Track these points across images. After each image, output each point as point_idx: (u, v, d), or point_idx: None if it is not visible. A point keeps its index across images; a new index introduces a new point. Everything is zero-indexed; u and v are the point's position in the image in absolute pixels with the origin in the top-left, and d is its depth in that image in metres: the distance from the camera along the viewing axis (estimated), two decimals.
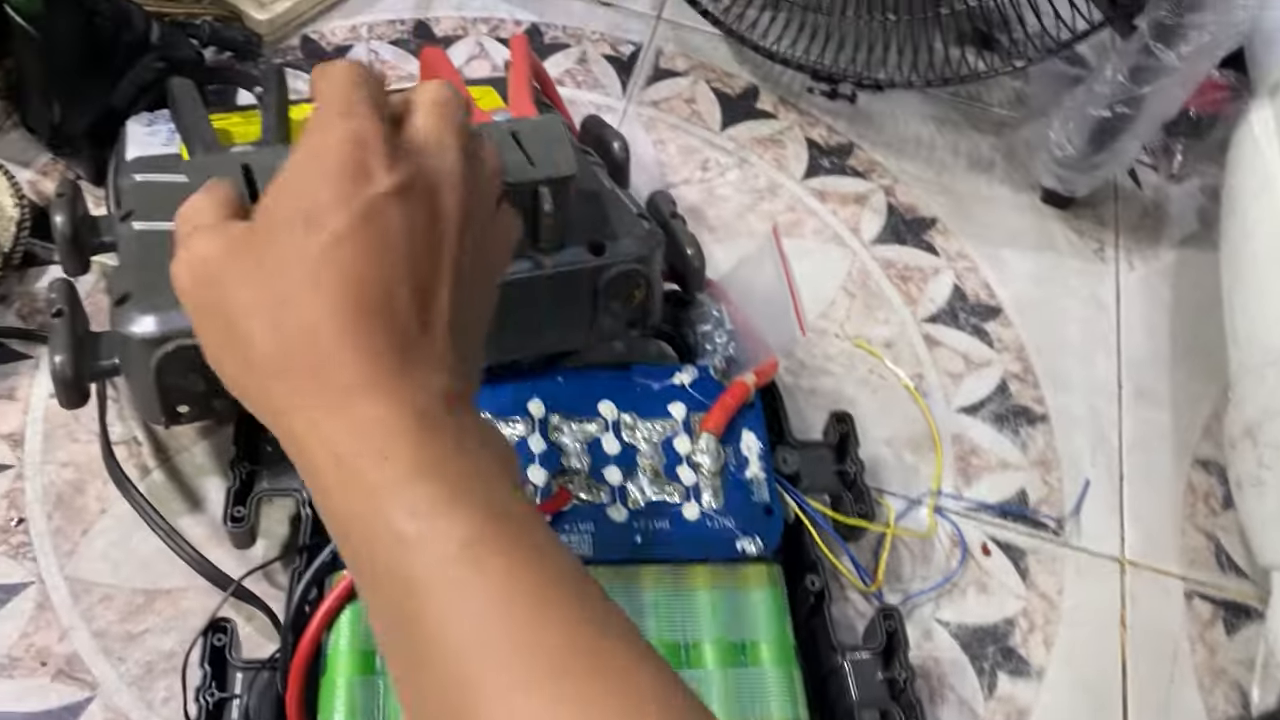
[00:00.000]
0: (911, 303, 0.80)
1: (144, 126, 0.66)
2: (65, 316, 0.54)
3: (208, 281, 0.36)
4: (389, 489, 0.32)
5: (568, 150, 0.55)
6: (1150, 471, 0.74)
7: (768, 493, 0.58)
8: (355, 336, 0.34)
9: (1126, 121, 0.78)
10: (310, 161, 0.35)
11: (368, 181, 0.35)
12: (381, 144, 0.35)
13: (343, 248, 0.34)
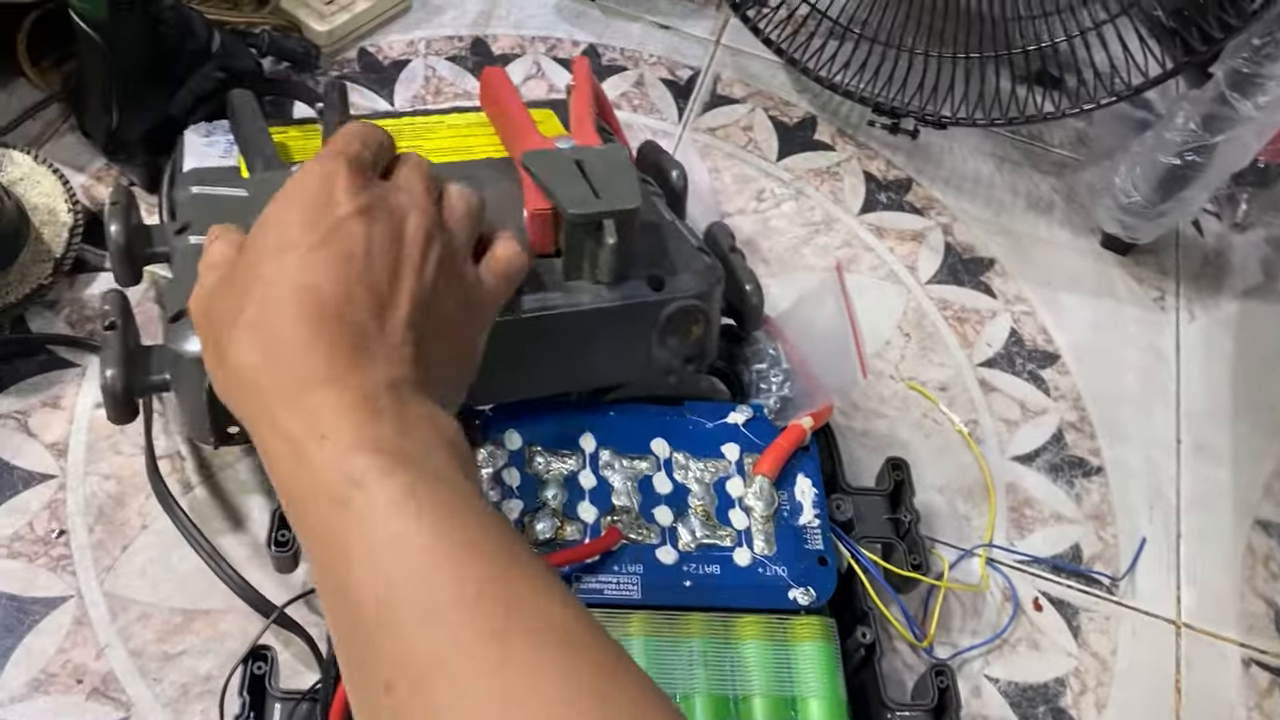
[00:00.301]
0: (968, 346, 0.78)
1: (202, 137, 0.65)
2: (118, 329, 0.52)
3: (206, 308, 0.43)
4: (330, 462, 0.36)
5: (633, 182, 0.54)
6: (1208, 531, 0.72)
7: (822, 541, 0.57)
8: (314, 337, 0.38)
9: (1196, 170, 0.76)
10: (286, 198, 0.42)
11: (333, 208, 0.41)
12: (347, 178, 0.42)
13: (308, 262, 0.40)
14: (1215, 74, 0.72)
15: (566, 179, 0.53)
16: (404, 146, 0.54)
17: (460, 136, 0.66)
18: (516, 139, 0.62)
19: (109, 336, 0.52)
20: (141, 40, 0.65)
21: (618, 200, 0.52)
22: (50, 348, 0.66)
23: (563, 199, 0.52)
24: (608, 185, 0.53)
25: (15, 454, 0.62)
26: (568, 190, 0.52)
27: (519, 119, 0.63)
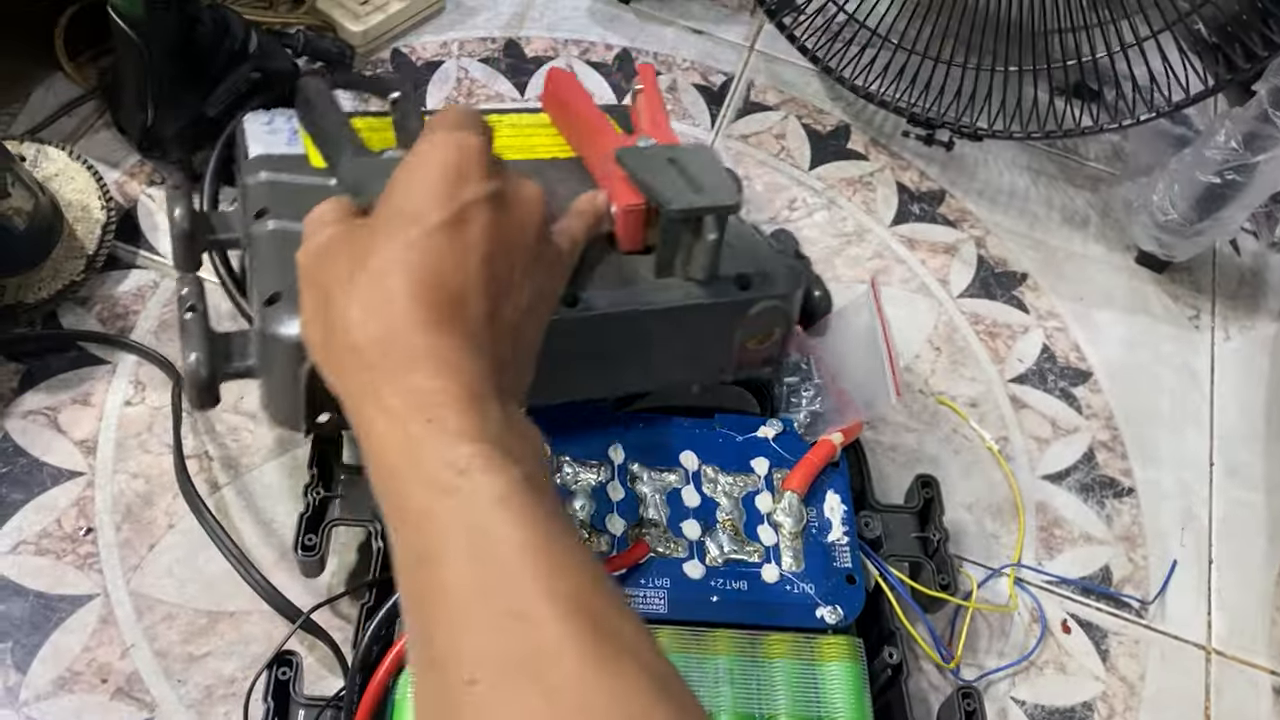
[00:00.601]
0: (999, 361, 0.77)
1: (263, 125, 0.62)
2: (199, 314, 0.50)
3: (319, 260, 0.41)
4: (435, 447, 0.35)
5: (728, 178, 0.53)
6: (1241, 555, 0.71)
7: (851, 559, 0.56)
8: (431, 320, 0.38)
9: (1236, 189, 0.75)
10: (417, 166, 0.41)
11: (464, 186, 0.40)
12: (481, 155, 0.41)
13: (432, 240, 0.39)
14: (1258, 92, 0.71)
15: (664, 174, 0.52)
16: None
17: (523, 136, 0.65)
18: (592, 139, 0.61)
19: (190, 321, 0.50)
20: (177, 38, 0.65)
21: (718, 196, 0.51)
22: (81, 344, 0.66)
23: (663, 194, 0.51)
24: (705, 181, 0.51)
25: (45, 450, 0.62)
26: (667, 185, 0.51)
27: (593, 119, 0.62)
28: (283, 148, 0.59)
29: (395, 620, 0.52)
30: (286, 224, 0.53)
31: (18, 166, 0.64)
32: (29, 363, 0.65)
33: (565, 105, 0.65)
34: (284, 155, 0.58)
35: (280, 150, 0.59)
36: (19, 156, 0.68)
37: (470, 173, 0.40)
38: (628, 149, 0.55)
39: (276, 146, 0.59)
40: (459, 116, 0.43)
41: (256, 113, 0.62)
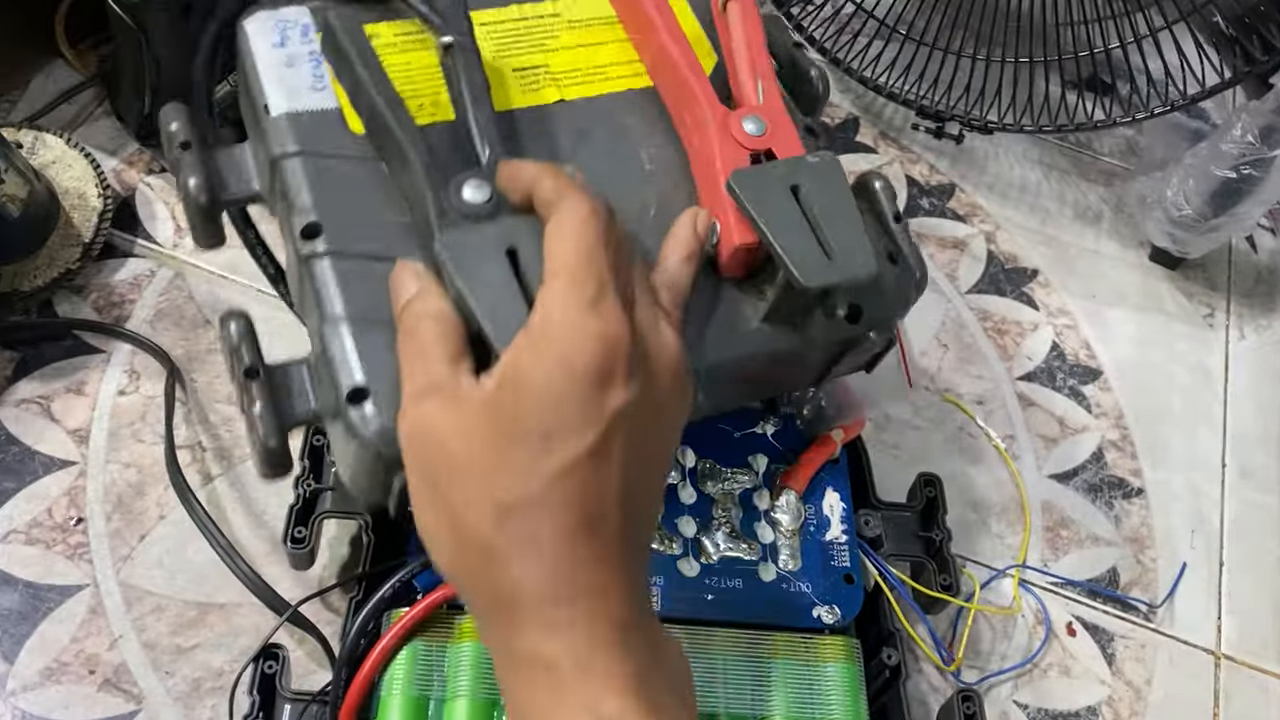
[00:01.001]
0: (1007, 358, 0.76)
1: (274, 44, 0.47)
2: (261, 379, 0.41)
3: (434, 451, 0.36)
4: (583, 699, 0.33)
5: (860, 227, 0.44)
6: (1253, 558, 0.70)
7: (849, 559, 0.55)
8: (583, 555, 0.34)
9: (1252, 184, 0.73)
10: (558, 367, 0.34)
11: (610, 391, 0.35)
12: (627, 354, 0.35)
13: (586, 468, 0.34)
14: (1276, 85, 0.70)
15: (788, 222, 0.43)
16: (524, 55, 0.49)
17: (588, 47, 0.51)
18: (680, 89, 0.49)
19: (252, 383, 0.42)
20: (175, 24, 0.65)
21: (854, 264, 0.43)
22: (76, 333, 0.66)
23: (791, 258, 0.42)
24: (837, 236, 0.43)
25: (37, 439, 0.62)
26: (794, 244, 0.42)
27: (680, 58, 0.49)
28: (309, 96, 0.46)
29: (383, 614, 0.51)
30: (356, 258, 0.43)
31: (13, 154, 0.64)
32: (23, 351, 0.65)
33: (640, 15, 0.51)
34: (316, 114, 0.46)
35: (307, 104, 0.46)
36: (16, 144, 0.68)
37: (616, 370, 0.35)
38: (743, 176, 0.44)
39: (301, 93, 0.46)
40: (600, 273, 0.35)
41: (257, 15, 0.48)
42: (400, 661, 0.49)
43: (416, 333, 0.37)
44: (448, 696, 0.48)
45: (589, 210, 0.37)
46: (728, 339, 0.45)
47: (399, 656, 0.49)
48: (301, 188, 0.44)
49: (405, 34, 0.48)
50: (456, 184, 0.41)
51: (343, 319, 0.41)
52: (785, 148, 0.47)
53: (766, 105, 0.48)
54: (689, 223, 0.44)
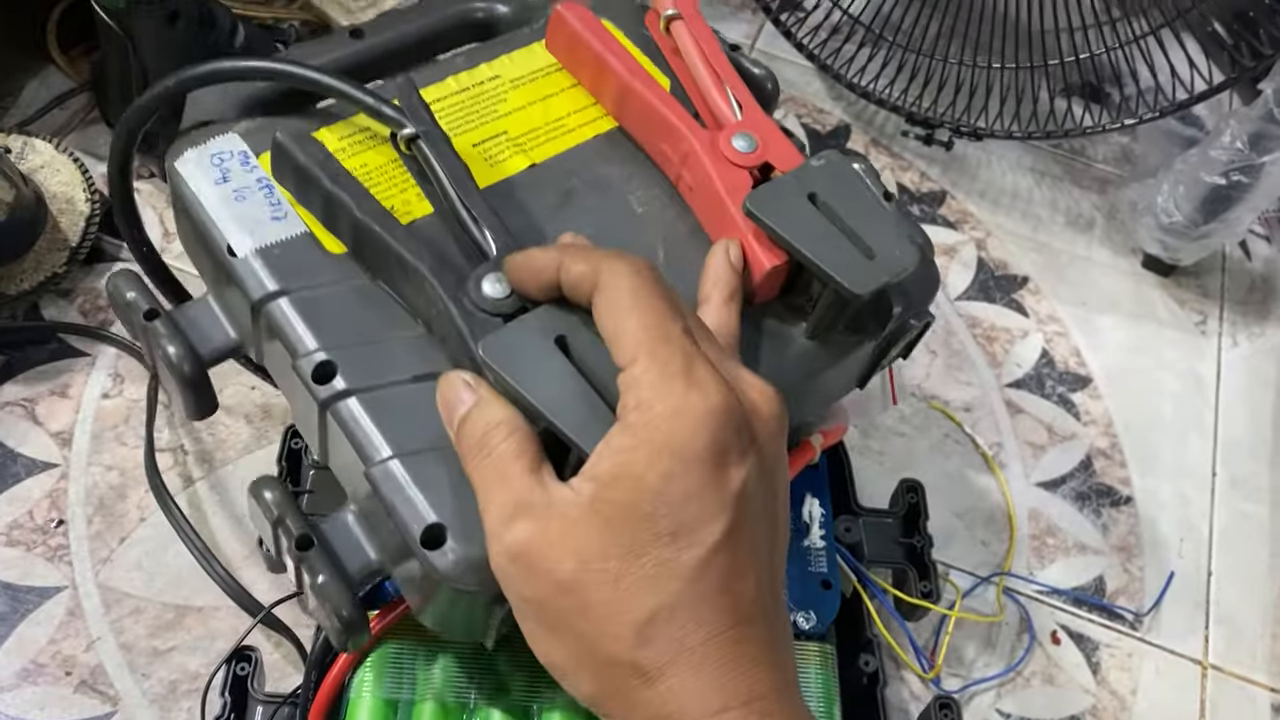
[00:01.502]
0: (996, 365, 0.76)
1: (215, 182, 0.43)
2: (317, 548, 0.39)
3: (542, 579, 0.33)
4: None
5: (890, 217, 0.42)
6: (1242, 568, 0.69)
7: (827, 564, 0.55)
8: (733, 655, 0.32)
9: (1242, 191, 0.73)
10: (673, 461, 0.32)
11: (727, 472, 0.32)
12: (737, 422, 0.33)
13: (720, 563, 0.32)
14: (1264, 91, 0.69)
15: (816, 231, 0.41)
16: (478, 127, 0.47)
17: (540, 102, 0.49)
18: (650, 121, 0.47)
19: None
20: (161, 31, 0.65)
21: (896, 257, 0.41)
22: (61, 336, 0.66)
23: (835, 272, 0.40)
24: (868, 232, 0.41)
25: (20, 441, 0.62)
26: (830, 252, 0.40)
27: (646, 90, 0.47)
28: (272, 228, 0.42)
29: None
30: (381, 389, 0.39)
31: (1, 158, 0.64)
32: (8, 354, 0.65)
33: (589, 59, 0.49)
34: (286, 244, 0.42)
35: (273, 236, 0.42)
36: (4, 148, 0.68)
37: (730, 445, 0.32)
38: (759, 196, 0.42)
39: (263, 226, 0.42)
40: (682, 345, 0.33)
41: (186, 155, 0.44)
42: (370, 664, 0.49)
43: (487, 449, 0.34)
44: (417, 699, 0.48)
45: (632, 272, 0.34)
46: (778, 365, 0.43)
47: (369, 659, 0.49)
48: (297, 329, 0.40)
49: (351, 135, 0.46)
50: (475, 281, 0.39)
51: (390, 458, 0.38)
52: (782, 158, 0.45)
53: (748, 118, 0.46)
54: (722, 258, 0.41)
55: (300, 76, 0.44)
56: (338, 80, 0.44)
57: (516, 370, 0.35)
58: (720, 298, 0.40)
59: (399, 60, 0.51)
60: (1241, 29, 0.70)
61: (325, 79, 0.44)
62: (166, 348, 0.41)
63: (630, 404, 0.32)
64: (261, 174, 0.44)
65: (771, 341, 0.44)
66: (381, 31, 0.51)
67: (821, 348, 0.44)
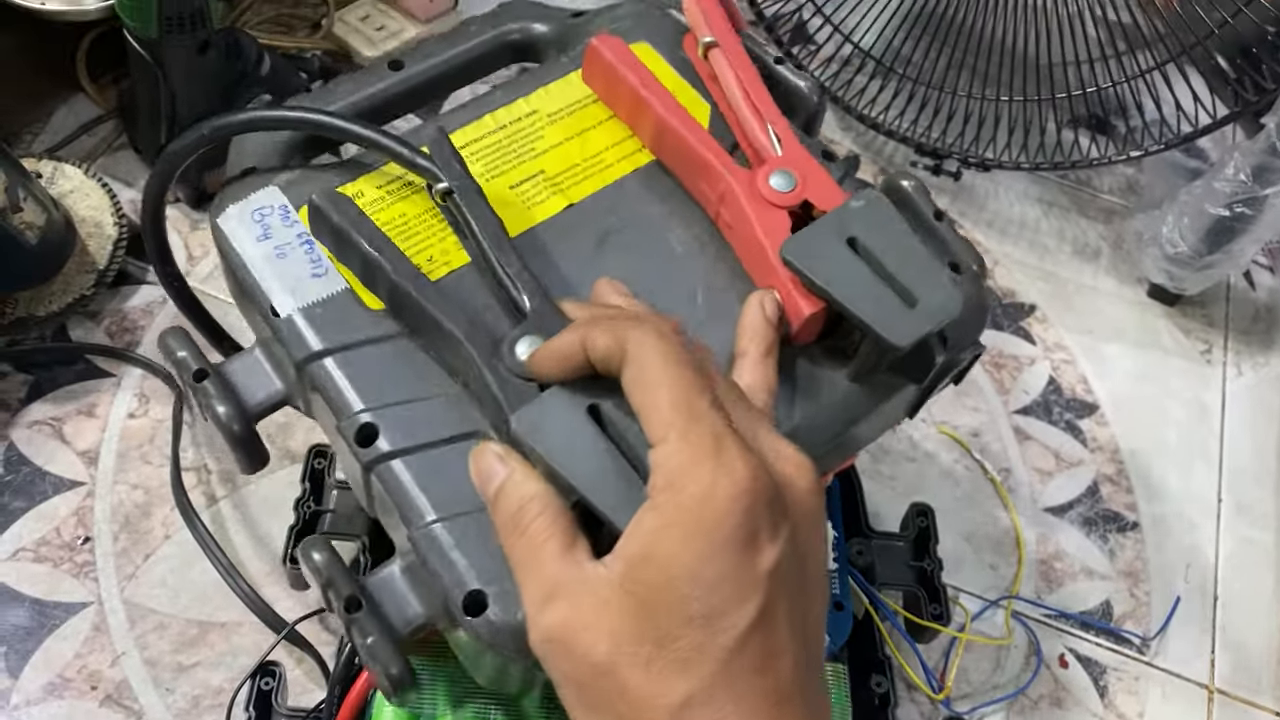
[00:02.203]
0: (1004, 392, 0.77)
1: (257, 239, 0.44)
2: (366, 610, 0.38)
3: (579, 661, 0.32)
4: None
5: (931, 261, 0.40)
6: (1248, 594, 0.70)
7: (839, 586, 0.56)
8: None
9: (1246, 222, 0.74)
10: (703, 544, 0.31)
11: (760, 554, 0.31)
12: (768, 502, 0.32)
13: (748, 644, 0.31)
14: (1267, 124, 0.71)
15: (855, 278, 0.40)
16: (516, 167, 0.46)
17: (577, 137, 0.48)
18: (690, 158, 0.46)
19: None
20: (191, 60, 0.67)
21: (938, 304, 0.39)
22: (89, 357, 0.68)
23: (874, 321, 0.39)
24: (909, 278, 0.40)
25: (48, 460, 0.63)
26: (870, 302, 0.39)
27: (685, 128, 0.46)
28: (313, 286, 0.43)
29: None
30: (423, 449, 0.40)
31: (32, 183, 0.66)
32: (37, 374, 0.66)
33: (625, 94, 0.48)
34: (327, 302, 0.42)
35: (315, 294, 0.43)
36: (35, 173, 0.70)
37: (761, 526, 0.31)
38: (796, 242, 0.41)
39: (304, 285, 0.43)
40: (711, 421, 0.32)
41: (228, 211, 0.44)
42: None
43: (521, 527, 0.34)
44: (438, 715, 0.49)
45: (657, 341, 0.33)
46: (821, 410, 0.42)
47: None
48: (341, 389, 0.41)
49: (388, 185, 0.45)
50: (510, 345, 0.39)
51: (433, 521, 0.38)
52: (822, 196, 0.44)
53: (788, 154, 0.45)
54: (758, 311, 0.41)
55: (335, 127, 0.44)
56: (373, 132, 0.44)
57: (549, 444, 0.35)
58: (757, 353, 0.40)
59: (440, 88, 0.52)
60: (1245, 64, 0.72)
61: (361, 131, 0.44)
62: (216, 408, 0.41)
63: (660, 484, 0.32)
64: (301, 229, 0.44)
65: (813, 385, 0.43)
66: (421, 60, 0.51)
67: (865, 390, 0.43)
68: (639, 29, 0.51)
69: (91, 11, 0.68)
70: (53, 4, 0.68)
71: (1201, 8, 0.71)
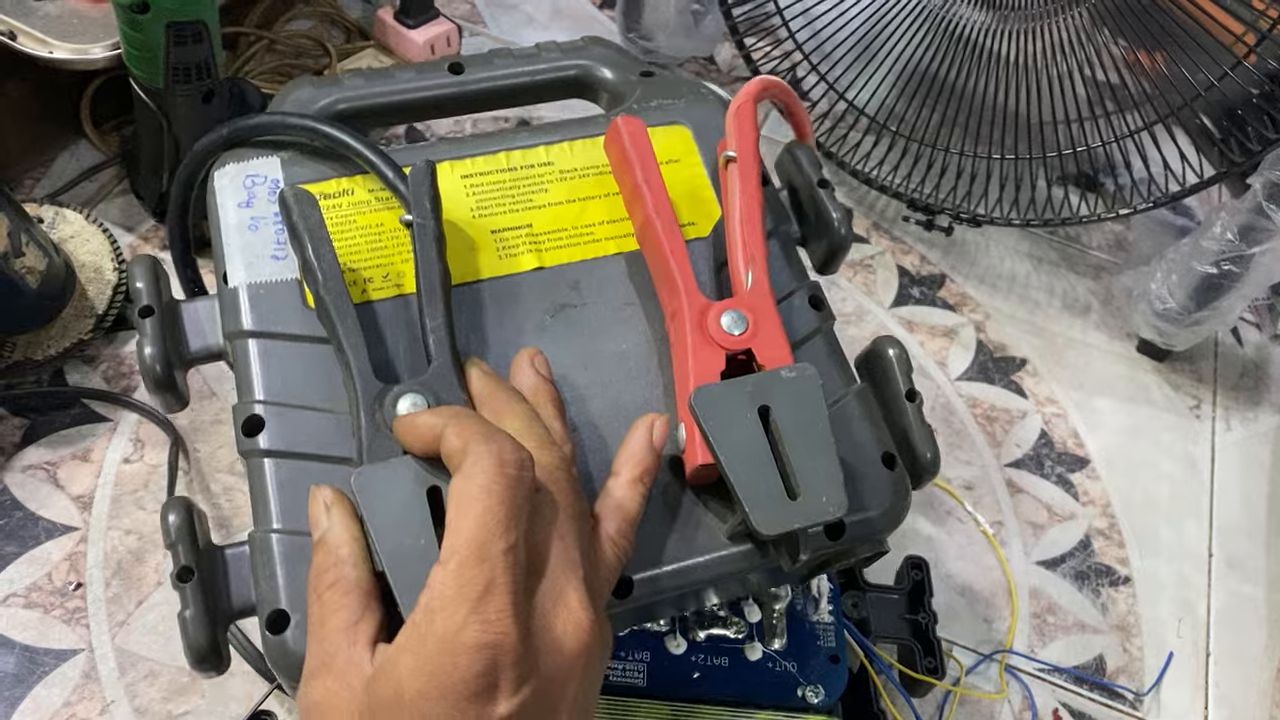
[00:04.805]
0: (996, 445, 0.77)
1: (242, 206, 0.45)
2: (200, 607, 0.39)
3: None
4: None
5: (836, 467, 0.39)
6: (1240, 649, 0.70)
7: (835, 639, 0.56)
8: None
9: (1233, 280, 0.75)
10: (431, 681, 0.32)
11: (487, 708, 0.32)
12: (512, 661, 0.32)
13: None
14: (1253, 185, 0.72)
15: (750, 460, 0.39)
16: (507, 213, 0.47)
17: (577, 203, 0.48)
18: (656, 258, 0.46)
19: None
20: (195, 109, 0.67)
21: (818, 506, 0.38)
22: (85, 401, 0.68)
23: (750, 504, 0.38)
24: (804, 465, 0.39)
25: (41, 505, 0.63)
26: (755, 486, 0.38)
27: (670, 242, 0.45)
28: (268, 266, 0.44)
29: None
30: (295, 459, 0.40)
31: (34, 228, 0.66)
32: (32, 417, 0.66)
33: (626, 180, 0.48)
34: (273, 287, 0.44)
35: (266, 274, 0.44)
36: (37, 218, 0.70)
37: (498, 683, 0.32)
38: (707, 394, 0.40)
39: (261, 263, 0.44)
40: (498, 540, 0.33)
41: (226, 168, 0.46)
42: None
43: (318, 592, 0.35)
44: None
45: (494, 466, 0.34)
46: (690, 552, 0.42)
47: None
48: (250, 373, 0.42)
49: (378, 190, 0.46)
50: (393, 397, 0.39)
51: (274, 530, 0.39)
52: (767, 349, 0.43)
53: (753, 296, 0.44)
54: (644, 435, 0.41)
55: (336, 139, 0.46)
56: (365, 148, 0.45)
57: (375, 510, 0.35)
58: (628, 476, 0.40)
59: (493, 102, 0.53)
60: (1231, 126, 0.73)
61: (353, 143, 0.45)
62: (145, 348, 0.42)
63: (420, 605, 0.33)
64: (281, 226, 0.45)
65: (692, 527, 0.42)
66: (481, 69, 0.52)
67: (741, 554, 0.42)
68: (687, 113, 0.51)
69: (98, 60, 0.69)
70: (60, 52, 0.69)
71: (1188, 70, 0.73)
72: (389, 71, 0.52)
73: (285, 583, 0.38)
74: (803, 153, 0.52)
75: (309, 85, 0.51)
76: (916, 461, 0.46)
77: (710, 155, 0.50)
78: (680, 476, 0.43)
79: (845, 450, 0.41)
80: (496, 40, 0.99)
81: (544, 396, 0.41)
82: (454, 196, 0.47)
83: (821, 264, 0.51)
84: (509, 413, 0.38)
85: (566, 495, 0.37)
